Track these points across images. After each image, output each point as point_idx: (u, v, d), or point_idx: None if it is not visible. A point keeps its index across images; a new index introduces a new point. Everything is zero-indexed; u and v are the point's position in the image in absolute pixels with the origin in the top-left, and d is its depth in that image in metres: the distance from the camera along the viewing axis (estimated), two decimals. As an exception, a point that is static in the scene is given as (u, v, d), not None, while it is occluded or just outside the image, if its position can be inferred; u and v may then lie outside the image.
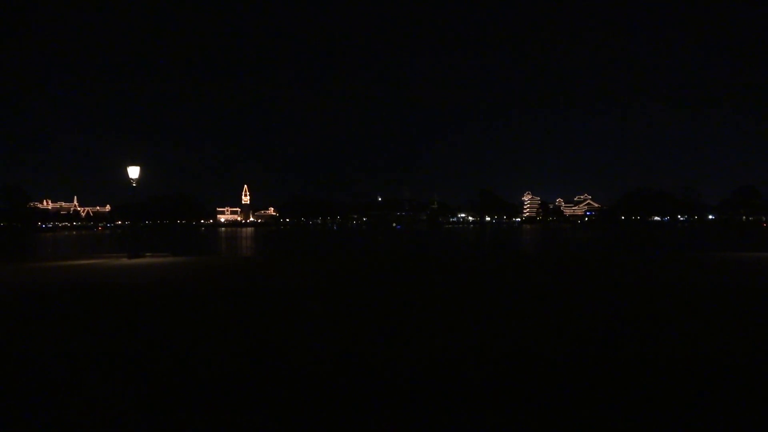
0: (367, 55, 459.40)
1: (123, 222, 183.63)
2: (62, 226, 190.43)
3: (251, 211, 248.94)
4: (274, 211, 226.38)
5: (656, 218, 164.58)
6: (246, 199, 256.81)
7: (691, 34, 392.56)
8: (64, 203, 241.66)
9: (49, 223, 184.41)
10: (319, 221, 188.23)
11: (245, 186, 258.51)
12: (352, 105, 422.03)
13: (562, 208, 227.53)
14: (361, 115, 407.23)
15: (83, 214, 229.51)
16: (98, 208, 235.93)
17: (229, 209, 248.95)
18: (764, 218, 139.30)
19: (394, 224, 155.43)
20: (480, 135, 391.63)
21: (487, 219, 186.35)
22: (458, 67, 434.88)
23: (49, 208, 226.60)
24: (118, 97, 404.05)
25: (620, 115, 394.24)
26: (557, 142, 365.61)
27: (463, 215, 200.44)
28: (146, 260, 21.14)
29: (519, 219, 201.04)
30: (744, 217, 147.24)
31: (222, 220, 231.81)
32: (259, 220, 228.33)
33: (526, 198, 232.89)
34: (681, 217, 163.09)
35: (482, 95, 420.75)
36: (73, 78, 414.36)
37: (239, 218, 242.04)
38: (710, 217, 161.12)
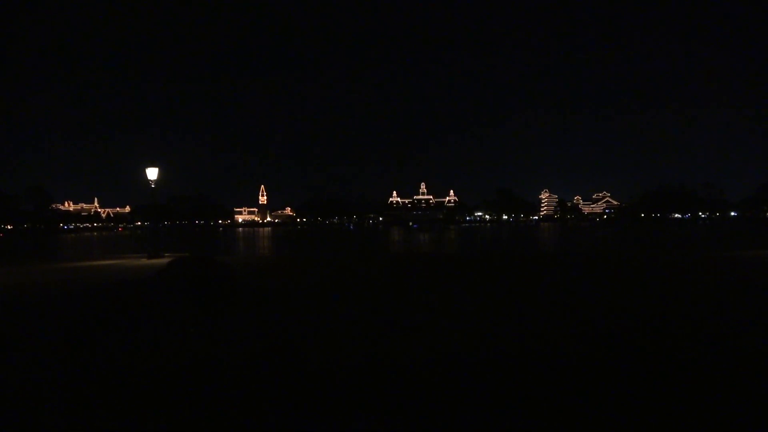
0: (383, 54, 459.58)
1: (142, 223, 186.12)
2: (83, 227, 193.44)
3: (268, 211, 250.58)
4: (291, 211, 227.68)
5: (677, 215, 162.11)
6: (263, 200, 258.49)
7: (710, 30, 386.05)
8: (85, 204, 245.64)
9: (70, 224, 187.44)
10: (335, 221, 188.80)
11: (262, 186, 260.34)
12: (368, 104, 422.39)
13: (580, 206, 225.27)
14: (377, 115, 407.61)
15: (104, 215, 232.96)
16: (118, 209, 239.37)
17: (247, 209, 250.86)
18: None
19: (410, 223, 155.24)
20: (497, 133, 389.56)
21: (504, 217, 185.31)
22: (476, 65, 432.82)
23: (71, 209, 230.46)
24: (137, 98, 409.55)
25: (640, 112, 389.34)
26: (575, 140, 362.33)
27: (479, 214, 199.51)
28: (165, 260, 21.41)
29: (536, 217, 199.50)
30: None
31: (239, 220, 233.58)
32: (276, 220, 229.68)
33: (544, 196, 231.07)
34: (702, 214, 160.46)
35: (499, 93, 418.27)
36: (93, 80, 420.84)
37: (257, 218, 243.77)
38: (732, 214, 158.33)
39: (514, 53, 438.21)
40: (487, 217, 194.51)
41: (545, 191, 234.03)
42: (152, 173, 23.93)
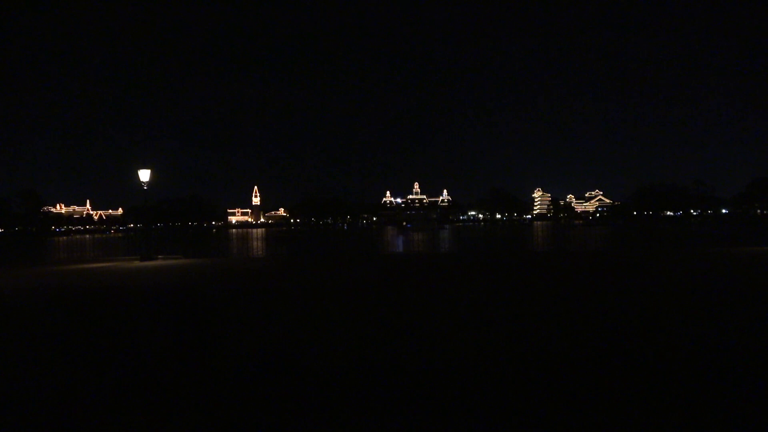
0: (376, 55, 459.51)
1: (135, 225, 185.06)
2: (75, 229, 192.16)
3: (262, 212, 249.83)
4: (284, 212, 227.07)
5: (669, 213, 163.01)
6: (256, 201, 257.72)
7: (702, 28, 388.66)
8: (77, 207, 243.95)
9: (62, 227, 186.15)
10: (329, 221, 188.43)
11: (255, 187, 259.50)
12: (361, 105, 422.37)
13: (573, 205, 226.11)
14: (370, 115, 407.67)
15: (96, 218, 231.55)
16: (111, 211, 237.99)
17: (240, 211, 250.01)
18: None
19: (404, 223, 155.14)
20: (490, 132, 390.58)
21: (498, 216, 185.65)
22: (468, 65, 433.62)
23: (63, 211, 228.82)
24: (129, 100, 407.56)
25: (632, 111, 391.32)
26: (568, 139, 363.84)
27: (473, 213, 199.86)
28: (158, 263, 21.30)
29: (529, 216, 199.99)
30: (759, 211, 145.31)
31: (233, 221, 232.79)
32: (270, 221, 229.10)
33: (537, 195, 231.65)
34: (694, 211, 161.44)
35: (492, 93, 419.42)
36: (85, 82, 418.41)
37: (250, 219, 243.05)
38: (723, 211, 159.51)
39: (507, 53, 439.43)
40: (480, 216, 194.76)
41: (538, 190, 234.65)
42: (144, 175, 23.78)
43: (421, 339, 6.50)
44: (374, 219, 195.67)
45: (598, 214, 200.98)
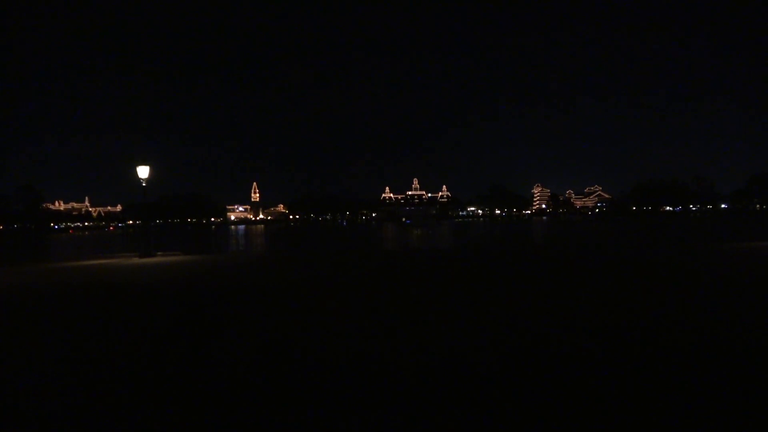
0: (376, 51, 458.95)
1: (134, 221, 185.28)
2: (74, 226, 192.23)
3: (261, 209, 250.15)
4: (283, 208, 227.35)
5: (668, 208, 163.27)
6: (256, 197, 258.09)
7: (700, 24, 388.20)
8: (75, 204, 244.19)
9: (61, 224, 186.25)
10: (328, 217, 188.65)
11: (254, 184, 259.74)
12: (361, 101, 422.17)
13: (572, 200, 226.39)
14: (370, 111, 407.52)
15: (95, 214, 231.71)
16: (109, 208, 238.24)
17: (239, 207, 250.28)
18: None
19: (403, 219, 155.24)
20: (490, 128, 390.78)
21: (497, 212, 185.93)
22: (468, 61, 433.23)
23: (62, 208, 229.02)
24: (129, 97, 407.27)
25: (631, 106, 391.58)
26: (567, 134, 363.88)
27: (472, 209, 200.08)
28: (157, 259, 21.24)
29: (529, 211, 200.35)
30: (758, 206, 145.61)
31: (232, 218, 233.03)
32: (269, 218, 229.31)
33: (536, 190, 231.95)
34: (693, 207, 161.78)
35: (491, 89, 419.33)
36: (84, 79, 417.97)
37: (249, 216, 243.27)
38: (723, 206, 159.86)
39: (506, 50, 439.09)
40: (479, 212, 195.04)
41: (538, 185, 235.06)
42: (143, 172, 23.68)
43: (419, 337, 6.44)
44: (373, 215, 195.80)
45: (596, 210, 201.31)
